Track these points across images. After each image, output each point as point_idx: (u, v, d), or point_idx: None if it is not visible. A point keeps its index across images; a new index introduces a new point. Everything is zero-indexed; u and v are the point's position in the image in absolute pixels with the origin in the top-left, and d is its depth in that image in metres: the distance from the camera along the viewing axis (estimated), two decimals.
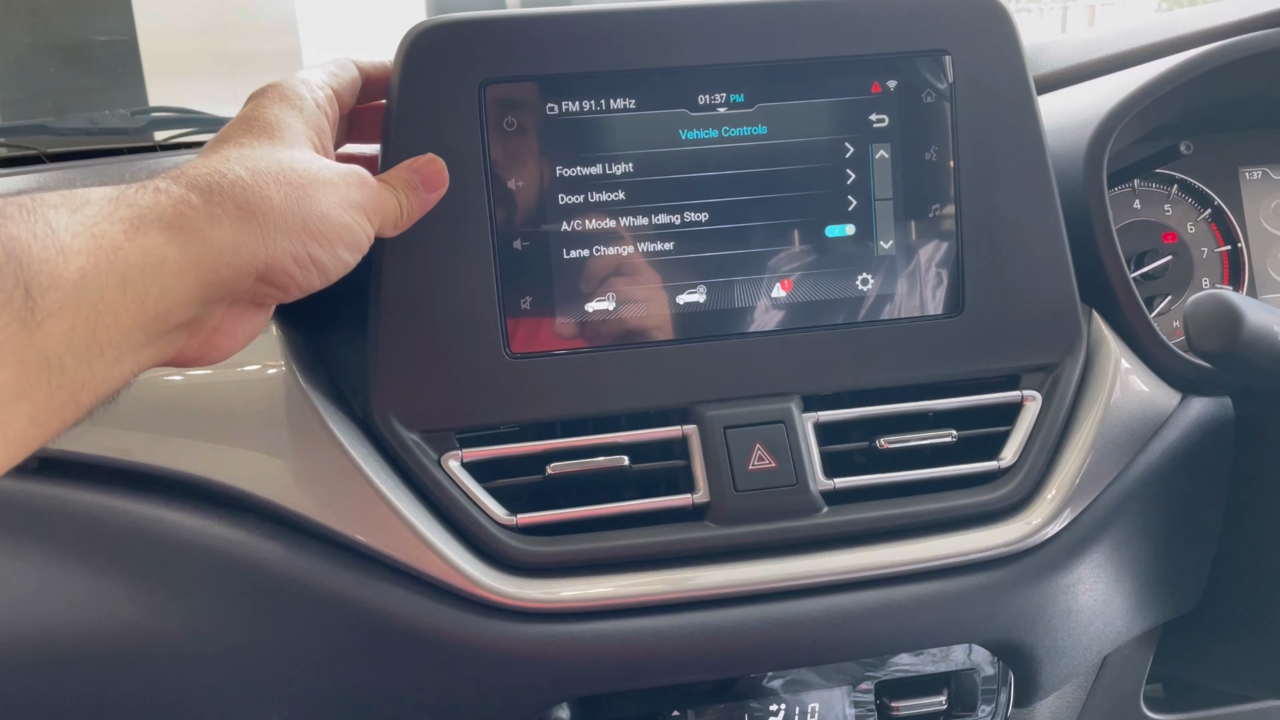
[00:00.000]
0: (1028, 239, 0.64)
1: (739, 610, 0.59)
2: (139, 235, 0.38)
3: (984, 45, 0.62)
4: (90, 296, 0.36)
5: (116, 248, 0.37)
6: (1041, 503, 0.62)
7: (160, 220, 0.39)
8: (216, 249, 0.41)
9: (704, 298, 0.62)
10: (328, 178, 0.46)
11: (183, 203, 0.40)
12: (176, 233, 0.39)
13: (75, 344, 0.36)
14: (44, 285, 0.34)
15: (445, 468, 0.59)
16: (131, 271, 0.38)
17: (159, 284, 0.39)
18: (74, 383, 0.36)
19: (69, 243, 0.36)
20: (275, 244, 0.43)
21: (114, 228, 0.38)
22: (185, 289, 0.40)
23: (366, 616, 0.57)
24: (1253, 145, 0.83)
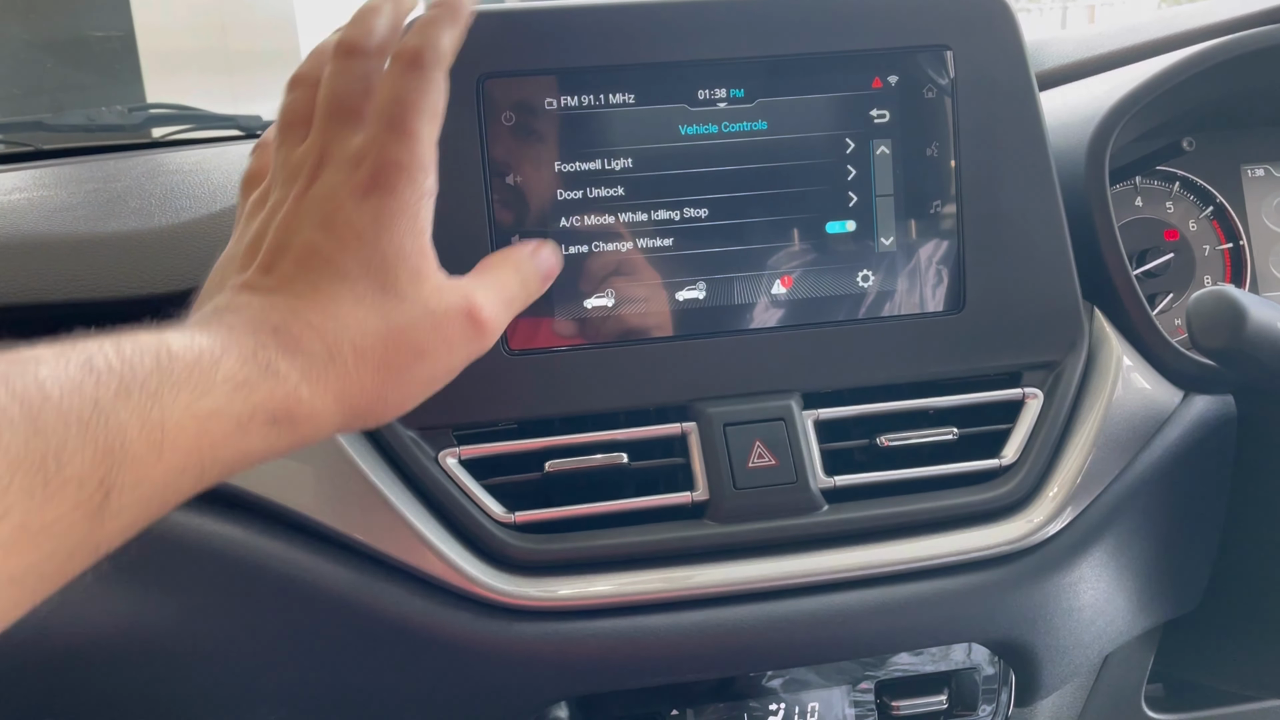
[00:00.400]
0: (1029, 235, 0.63)
1: (738, 609, 0.59)
2: (242, 435, 0.36)
3: (986, 40, 0.62)
4: (166, 492, 0.34)
5: (214, 445, 0.35)
6: (1043, 501, 0.62)
7: (268, 419, 0.37)
8: (303, 437, 0.39)
9: (703, 294, 0.62)
10: (432, 348, 0.42)
11: (293, 400, 0.38)
12: (274, 429, 0.37)
13: (129, 534, 0.34)
14: (127, 485, 0.32)
15: (443, 465, 0.59)
16: (215, 466, 0.36)
17: (232, 470, 0.37)
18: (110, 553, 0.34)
19: (173, 437, 0.33)
20: (354, 423, 0.41)
21: (222, 426, 0.35)
22: (251, 466, 0.38)
23: (364, 615, 0.57)
24: (1255, 142, 0.83)
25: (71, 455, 0.30)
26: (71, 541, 0.31)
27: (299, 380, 0.38)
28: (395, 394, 0.42)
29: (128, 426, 0.32)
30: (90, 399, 0.31)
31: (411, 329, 0.42)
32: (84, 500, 0.31)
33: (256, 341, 0.38)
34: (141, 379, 0.33)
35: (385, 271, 0.41)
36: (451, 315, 0.43)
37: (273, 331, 0.38)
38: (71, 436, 0.30)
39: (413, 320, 0.42)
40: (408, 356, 0.42)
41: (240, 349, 0.37)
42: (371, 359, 0.40)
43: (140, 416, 0.32)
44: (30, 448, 0.29)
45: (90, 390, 0.31)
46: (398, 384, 0.42)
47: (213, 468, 0.35)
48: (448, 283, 0.44)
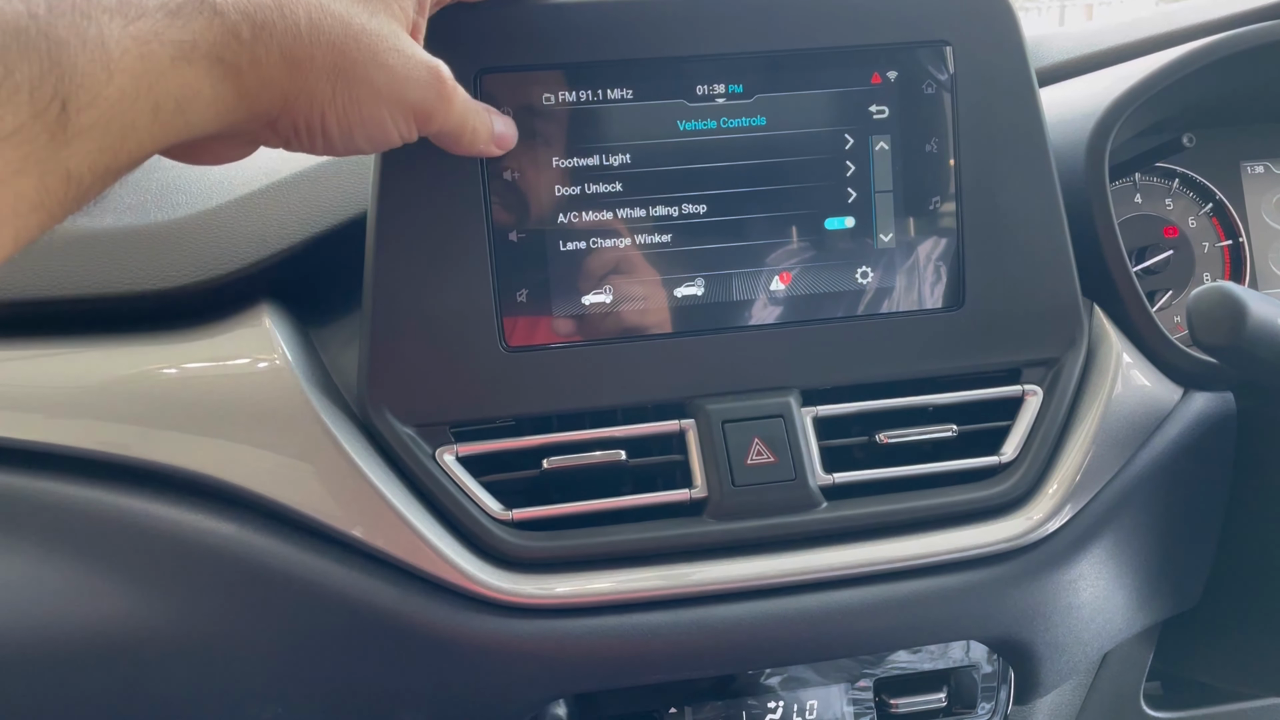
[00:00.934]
0: (1029, 232, 0.63)
1: (737, 606, 0.59)
2: (184, 65, 0.37)
3: (985, 36, 0.62)
4: (123, 120, 0.35)
5: (161, 74, 0.36)
6: (1043, 498, 0.62)
7: (208, 52, 0.37)
8: (246, 90, 0.39)
9: (702, 291, 0.61)
10: (389, 62, 0.43)
11: (232, 35, 0.38)
12: (216, 66, 0.38)
13: (97, 164, 0.35)
14: (82, 103, 0.33)
15: (440, 462, 0.58)
16: (167, 100, 0.36)
17: (187, 115, 0.38)
18: (87, 194, 0.35)
19: (116, 59, 0.34)
20: (297, 102, 0.41)
21: (163, 50, 0.36)
22: (207, 123, 0.39)
23: (360, 612, 0.57)
24: (1255, 139, 0.82)
25: (16, 61, 0.31)
26: (38, 157, 0.32)
27: (239, 20, 0.38)
28: (346, 91, 0.42)
29: (67, 40, 0.33)
30: (22, 12, 0.32)
31: (374, 36, 0.42)
32: (41, 110, 0.32)
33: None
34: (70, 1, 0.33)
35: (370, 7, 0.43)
36: (417, 56, 0.44)
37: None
38: (12, 43, 0.31)
39: (377, 31, 0.43)
40: (365, 54, 0.42)
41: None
42: (325, 34, 0.41)
43: (78, 33, 0.33)
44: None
45: (19, 4, 0.32)
46: (350, 80, 0.42)
47: (165, 103, 0.36)
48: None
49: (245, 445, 0.57)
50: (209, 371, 0.59)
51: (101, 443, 0.57)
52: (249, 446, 0.57)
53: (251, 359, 0.59)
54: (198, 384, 0.59)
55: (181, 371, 0.59)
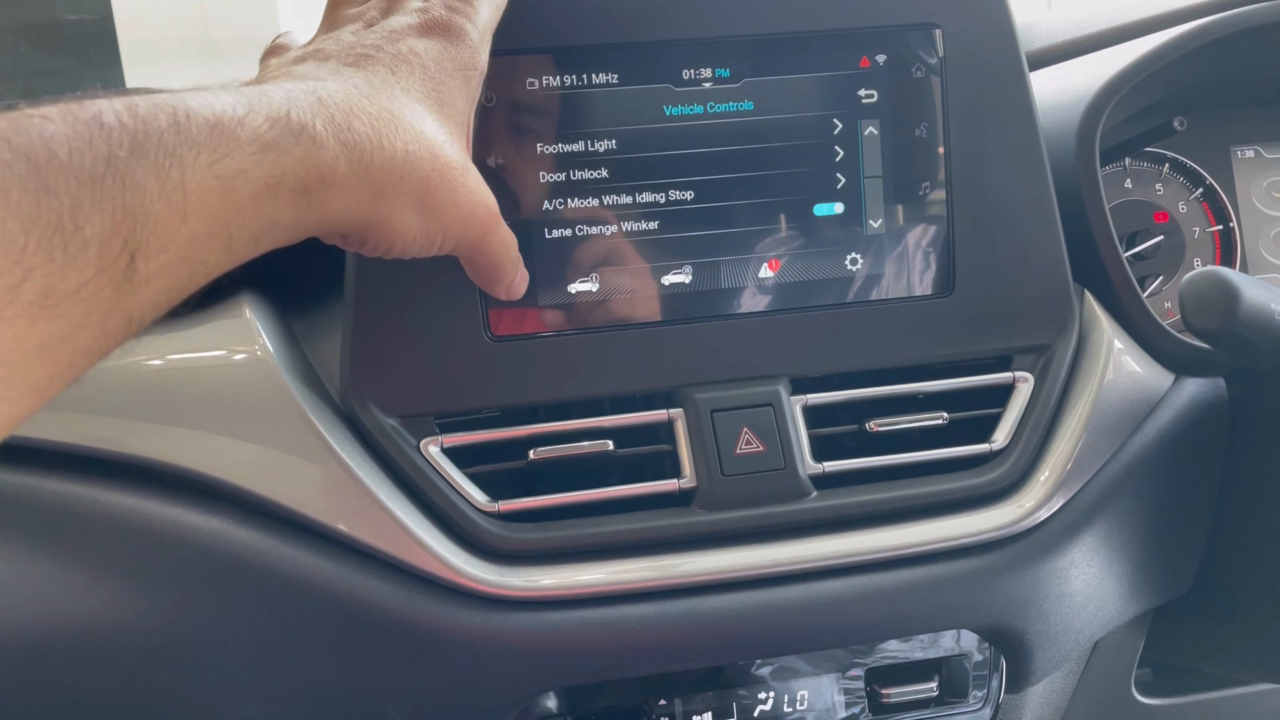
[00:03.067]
0: (1019, 217, 0.62)
1: (726, 597, 0.58)
2: (267, 200, 0.35)
3: (975, 19, 0.61)
4: (193, 260, 0.33)
5: (240, 210, 0.34)
6: (1034, 485, 0.61)
7: (295, 185, 0.36)
8: (328, 218, 0.38)
9: (690, 278, 0.61)
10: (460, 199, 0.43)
11: (327, 168, 0.37)
12: (303, 197, 0.36)
13: (160, 304, 0.33)
14: (152, 250, 0.31)
15: (425, 453, 0.58)
16: (242, 234, 0.35)
17: (260, 244, 0.36)
18: (145, 327, 0.34)
19: (194, 201, 0.32)
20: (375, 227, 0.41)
21: (248, 187, 0.34)
22: (278, 244, 0.37)
23: (345, 606, 0.56)
24: (1245, 124, 0.82)
25: (88, 215, 0.29)
26: (101, 310, 0.30)
27: (339, 152, 0.37)
28: (421, 221, 0.42)
29: (145, 186, 0.31)
30: (102, 156, 0.30)
31: (455, 170, 0.42)
32: (108, 265, 0.30)
33: (291, 104, 0.36)
34: (157, 136, 0.31)
35: (440, 109, 0.42)
36: (482, 190, 0.45)
37: (316, 100, 0.37)
38: (86, 196, 0.29)
39: (459, 164, 0.43)
40: (445, 191, 0.42)
41: (270, 109, 0.35)
42: (417, 171, 0.40)
43: (158, 176, 0.31)
44: (43, 207, 0.28)
45: (102, 148, 0.30)
46: (427, 211, 0.42)
47: (240, 236, 0.35)
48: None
49: (226, 438, 0.56)
50: (189, 363, 0.58)
51: (80, 436, 0.56)
52: (230, 439, 0.56)
53: (232, 350, 0.58)
54: (177, 376, 0.58)
55: (161, 363, 0.58)
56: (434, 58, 0.43)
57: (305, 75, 0.40)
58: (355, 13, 0.47)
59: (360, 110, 0.38)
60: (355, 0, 0.48)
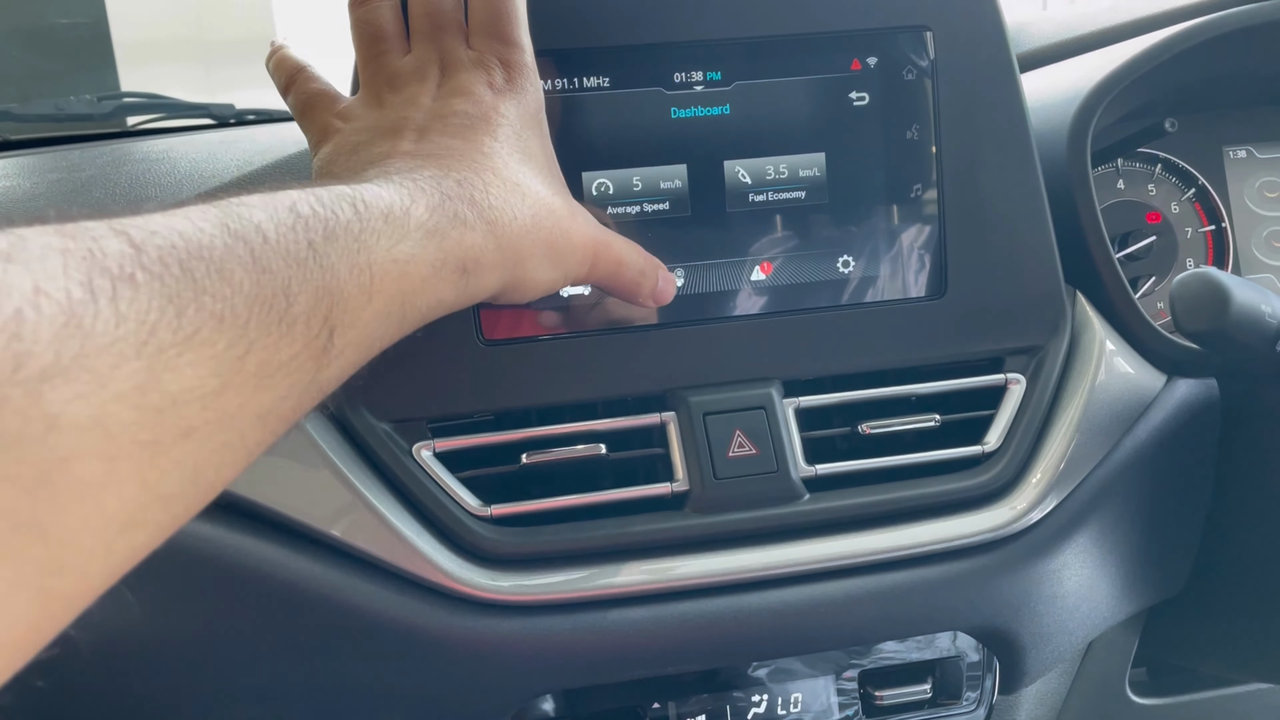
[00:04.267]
0: (1011, 219, 0.62)
1: (720, 600, 0.58)
2: (438, 281, 0.39)
3: (966, 20, 0.61)
4: (375, 335, 0.37)
5: (414, 290, 0.38)
6: (1026, 487, 0.61)
7: (456, 265, 0.40)
8: (481, 286, 0.42)
9: (682, 281, 0.61)
10: (579, 244, 0.47)
11: (480, 250, 0.41)
12: (461, 276, 0.40)
13: (344, 376, 0.36)
14: (345, 325, 0.34)
15: (417, 458, 0.58)
16: (414, 311, 0.38)
17: (426, 316, 0.40)
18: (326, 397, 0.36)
19: (379, 281, 0.36)
20: (513, 285, 0.44)
21: (418, 269, 0.38)
22: (442, 313, 0.41)
23: (338, 612, 0.56)
24: (1236, 124, 0.82)
25: (297, 293, 0.32)
26: (303, 382, 0.33)
27: (486, 231, 0.41)
28: (546, 271, 0.45)
29: (339, 268, 0.34)
30: (304, 241, 0.33)
31: (567, 217, 0.46)
32: (312, 339, 0.32)
33: (442, 193, 0.40)
34: (344, 224, 0.35)
35: (536, 164, 0.46)
36: (590, 224, 0.48)
37: (457, 184, 0.41)
38: (294, 275, 0.32)
39: (568, 211, 0.46)
40: (563, 239, 0.45)
41: (428, 199, 0.39)
42: (542, 230, 0.44)
43: (348, 259, 0.34)
44: (261, 286, 0.30)
45: (302, 233, 0.33)
46: (549, 262, 0.45)
47: (411, 313, 0.38)
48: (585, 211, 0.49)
49: None
50: None
51: None
52: None
53: None
54: None
55: None
56: (516, 115, 0.46)
57: (431, 155, 0.43)
58: (411, 70, 0.49)
59: (491, 187, 0.42)
60: (396, 46, 0.50)
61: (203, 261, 0.29)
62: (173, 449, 0.27)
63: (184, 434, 0.27)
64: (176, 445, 0.27)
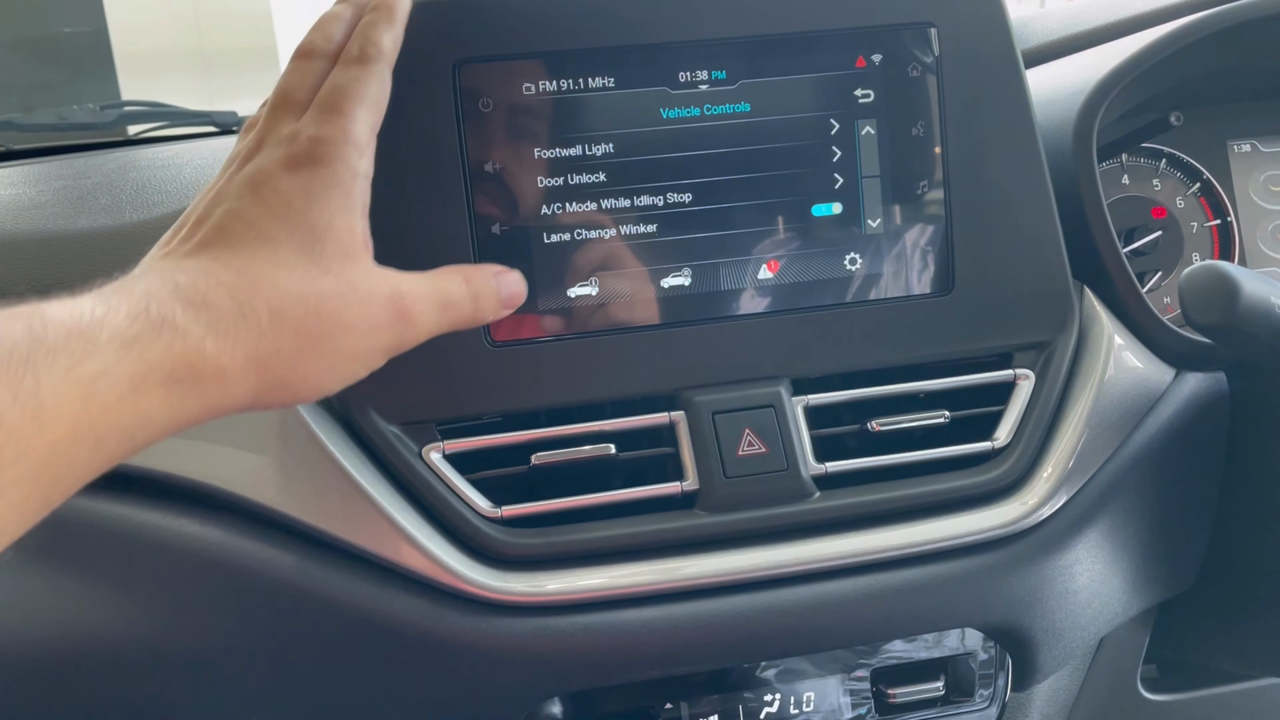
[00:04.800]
0: (1018, 214, 0.62)
1: (730, 599, 0.58)
2: (137, 397, 0.34)
3: (970, 17, 0.61)
4: (57, 465, 0.32)
5: (106, 410, 0.33)
6: (1037, 483, 0.61)
7: (165, 378, 0.35)
8: (209, 402, 0.37)
9: (689, 281, 0.60)
10: (352, 322, 0.41)
11: (195, 354, 0.36)
12: (174, 388, 0.36)
13: (25, 511, 0.32)
14: (7, 460, 0.30)
15: (427, 460, 0.58)
16: (111, 433, 0.34)
17: (136, 440, 0.35)
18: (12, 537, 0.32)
19: (52, 408, 0.31)
20: (268, 392, 0.40)
21: (112, 389, 0.33)
22: (160, 438, 0.37)
23: (348, 614, 0.56)
24: (1241, 118, 0.82)
25: None
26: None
27: (203, 334, 0.36)
28: (315, 365, 0.40)
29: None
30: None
31: (334, 299, 0.41)
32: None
33: (150, 297, 0.36)
34: (10, 348, 0.31)
35: (313, 241, 0.41)
36: (377, 297, 0.42)
37: (174, 287, 0.37)
38: None
39: (336, 292, 0.41)
40: (330, 325, 0.40)
41: (130, 305, 0.35)
42: (289, 321, 0.39)
43: (12, 386, 0.30)
44: None
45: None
46: (318, 354, 0.40)
47: (109, 434, 0.34)
48: (379, 269, 0.43)
49: (227, 447, 0.56)
50: None
51: None
52: (231, 448, 0.56)
53: None
54: None
55: None
56: (300, 191, 0.42)
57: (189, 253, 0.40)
58: (243, 149, 0.45)
59: (217, 284, 0.38)
60: (250, 126, 0.47)
61: None
62: None
63: None
64: None
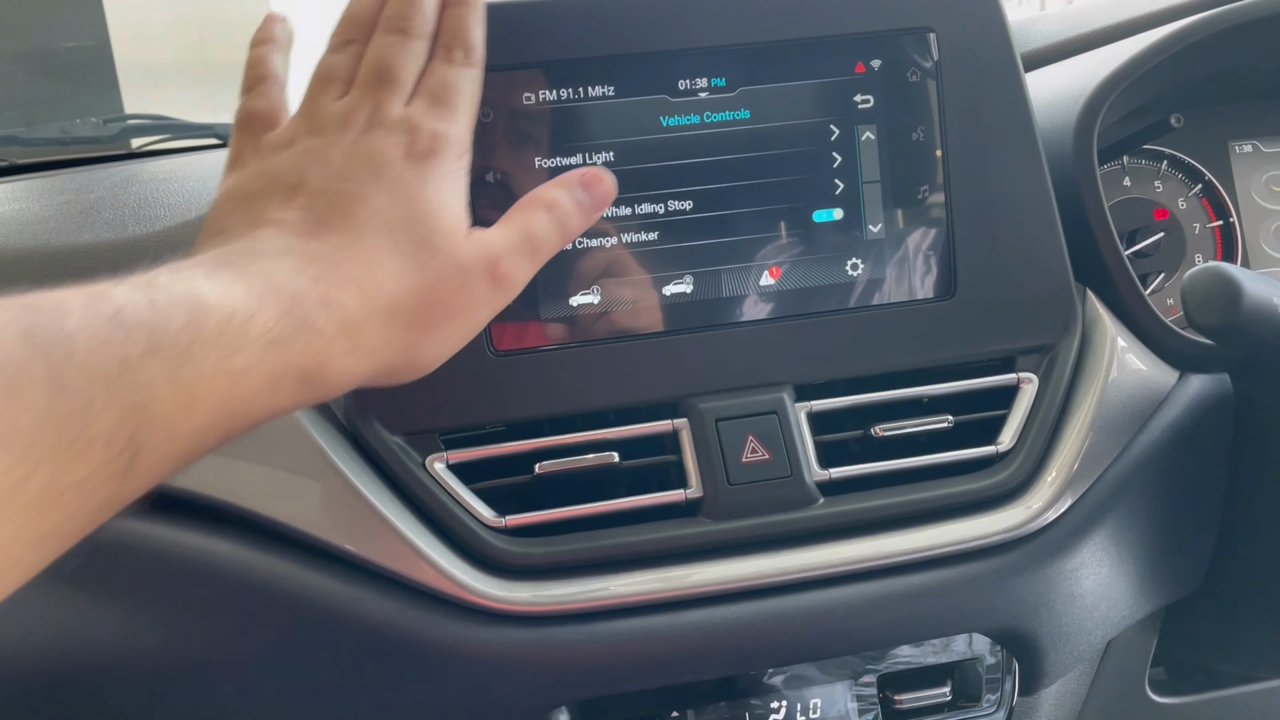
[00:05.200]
0: (1019, 218, 0.62)
1: (736, 607, 0.58)
2: (272, 392, 0.36)
3: (969, 21, 0.61)
4: (194, 450, 0.34)
5: (245, 402, 0.35)
6: (1041, 486, 0.61)
7: (298, 376, 0.37)
8: (327, 393, 0.39)
9: (691, 288, 0.61)
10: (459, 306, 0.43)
11: (327, 355, 0.38)
12: (304, 385, 0.37)
13: (152, 487, 0.33)
14: (155, 444, 0.32)
15: (430, 470, 0.58)
16: (242, 422, 0.35)
17: (255, 426, 0.37)
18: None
19: (202, 398, 0.33)
20: (378, 380, 0.42)
21: (253, 383, 0.35)
22: (271, 419, 0.38)
23: (354, 626, 0.56)
24: (1242, 118, 0.82)
25: (98, 414, 0.29)
26: (97, 501, 0.30)
27: (335, 335, 0.38)
28: (423, 352, 0.43)
29: (156, 384, 0.31)
30: (118, 356, 0.30)
31: (442, 285, 0.42)
32: (111, 460, 0.30)
33: (294, 295, 0.37)
34: (173, 335, 0.32)
35: (425, 223, 0.42)
36: (475, 274, 0.43)
37: (312, 281, 0.38)
38: (98, 395, 0.30)
39: (444, 275, 0.42)
40: (439, 314, 0.42)
41: (278, 303, 0.36)
42: (403, 315, 0.41)
43: (170, 375, 0.32)
44: (55, 406, 0.28)
45: (119, 346, 0.31)
46: (426, 342, 0.42)
47: (240, 423, 0.35)
48: (474, 235, 0.44)
49: (231, 459, 0.56)
50: None
51: None
52: (235, 460, 0.56)
53: None
54: None
55: None
56: (418, 180, 0.43)
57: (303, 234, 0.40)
58: (336, 115, 0.45)
59: (345, 279, 0.39)
60: (337, 90, 0.47)
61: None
62: None
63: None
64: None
